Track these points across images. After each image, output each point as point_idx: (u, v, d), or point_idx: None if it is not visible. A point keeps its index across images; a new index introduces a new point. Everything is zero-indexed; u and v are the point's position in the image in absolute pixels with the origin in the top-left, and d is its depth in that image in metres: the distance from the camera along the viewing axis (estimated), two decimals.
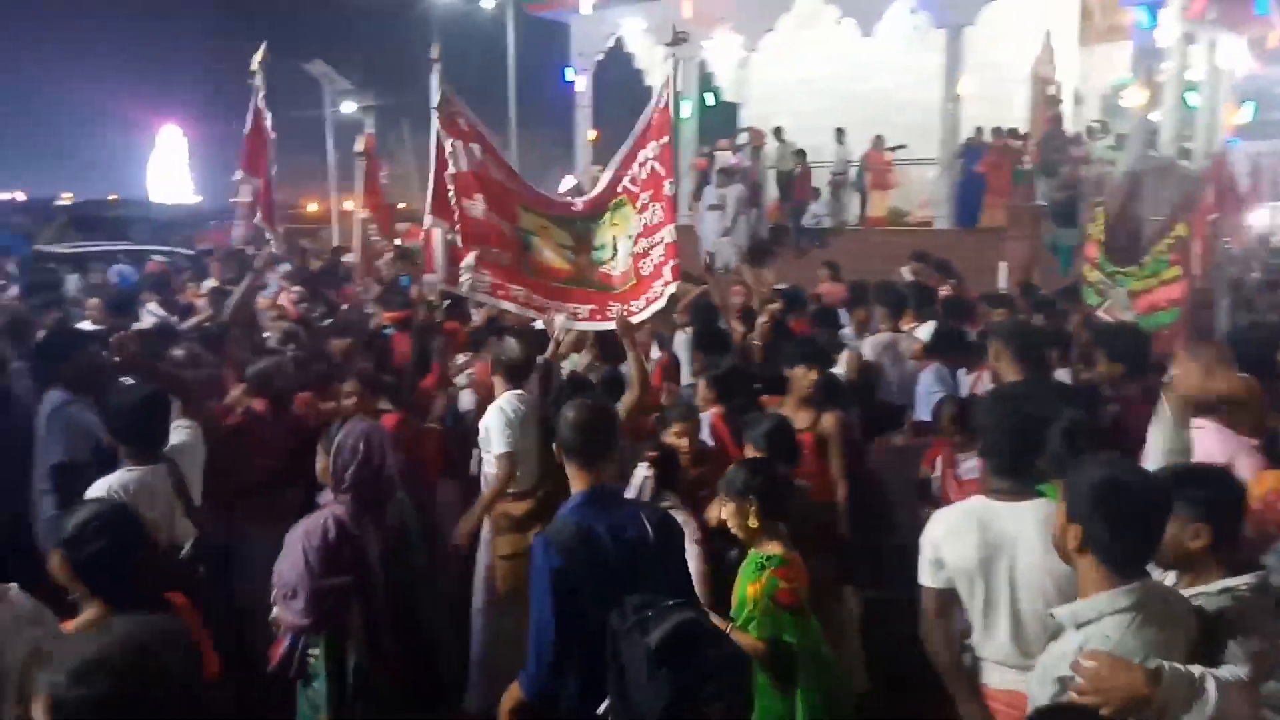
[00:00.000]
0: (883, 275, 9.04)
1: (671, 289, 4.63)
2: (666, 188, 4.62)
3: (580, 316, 4.91)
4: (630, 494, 3.40)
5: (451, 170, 4.92)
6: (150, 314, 7.77)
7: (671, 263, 4.59)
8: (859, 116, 15.90)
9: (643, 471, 3.52)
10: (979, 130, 14.06)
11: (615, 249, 4.88)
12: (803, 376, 4.43)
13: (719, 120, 18.81)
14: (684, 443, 4.07)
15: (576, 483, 2.69)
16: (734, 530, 3.14)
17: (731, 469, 3.21)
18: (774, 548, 3.05)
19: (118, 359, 4.20)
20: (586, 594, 2.41)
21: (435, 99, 4.97)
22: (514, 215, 5.02)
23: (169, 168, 40.45)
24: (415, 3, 24.01)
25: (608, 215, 4.92)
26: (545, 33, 19.52)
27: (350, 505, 3.11)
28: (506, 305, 5.04)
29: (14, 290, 9.06)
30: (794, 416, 4.23)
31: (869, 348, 6.33)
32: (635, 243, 4.74)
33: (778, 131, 15.74)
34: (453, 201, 4.91)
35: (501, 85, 23.46)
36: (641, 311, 4.70)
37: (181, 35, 47.51)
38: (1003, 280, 10.48)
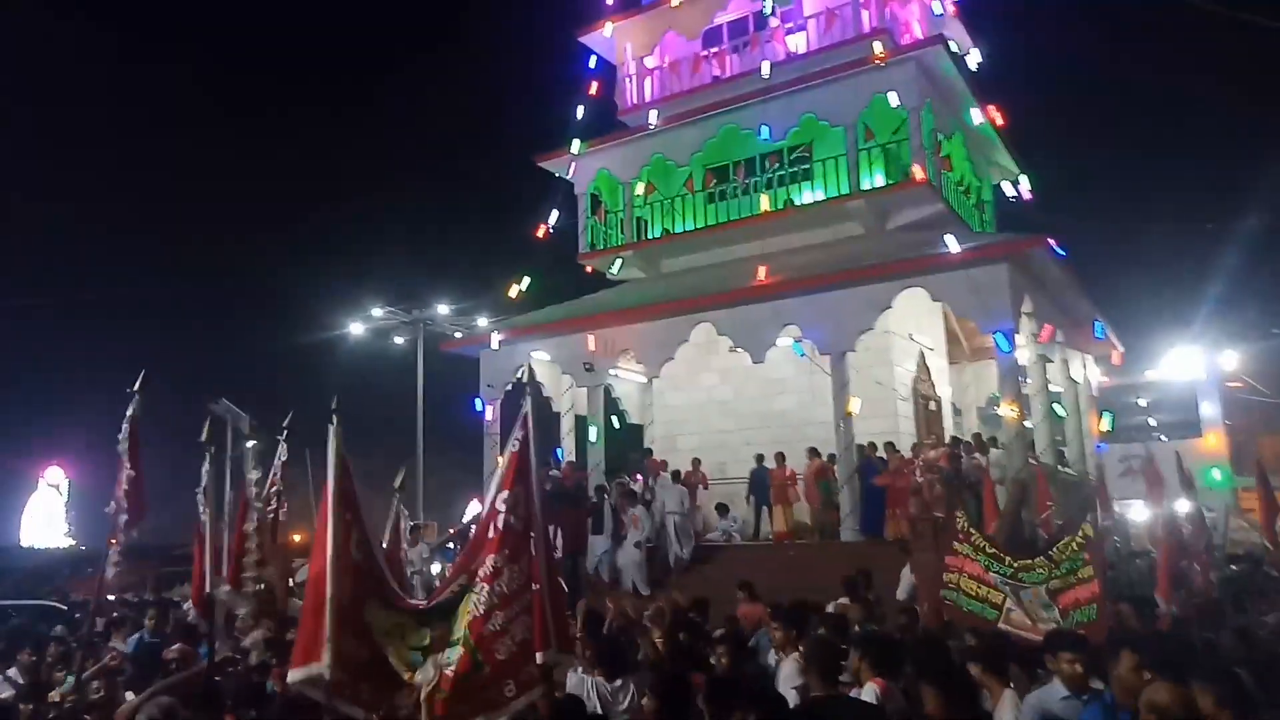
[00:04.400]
0: (799, 590, 8.91)
1: (549, 656, 4.11)
2: (531, 545, 4.16)
3: None
4: None
5: (332, 536, 4.21)
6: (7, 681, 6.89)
7: (547, 627, 4.06)
8: (762, 435, 16.65)
9: None
10: (871, 445, 14.78)
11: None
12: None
13: (627, 442, 19.35)
14: None
15: None
16: None
17: None
18: None
19: None
20: None
21: (331, 450, 4.45)
22: (362, 607, 4.29)
23: (47, 512, 38.38)
24: (334, 343, 24.96)
25: (464, 599, 4.29)
26: (456, 365, 20.34)
27: None
28: (350, 709, 4.09)
29: None
30: None
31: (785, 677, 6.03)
32: (488, 617, 4.15)
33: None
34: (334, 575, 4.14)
35: (413, 415, 23.97)
36: (516, 698, 4.08)
37: (68, 372, 47.51)
38: (902, 592, 10.50)
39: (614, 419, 19.39)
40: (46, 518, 37.97)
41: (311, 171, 68.02)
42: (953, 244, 13.74)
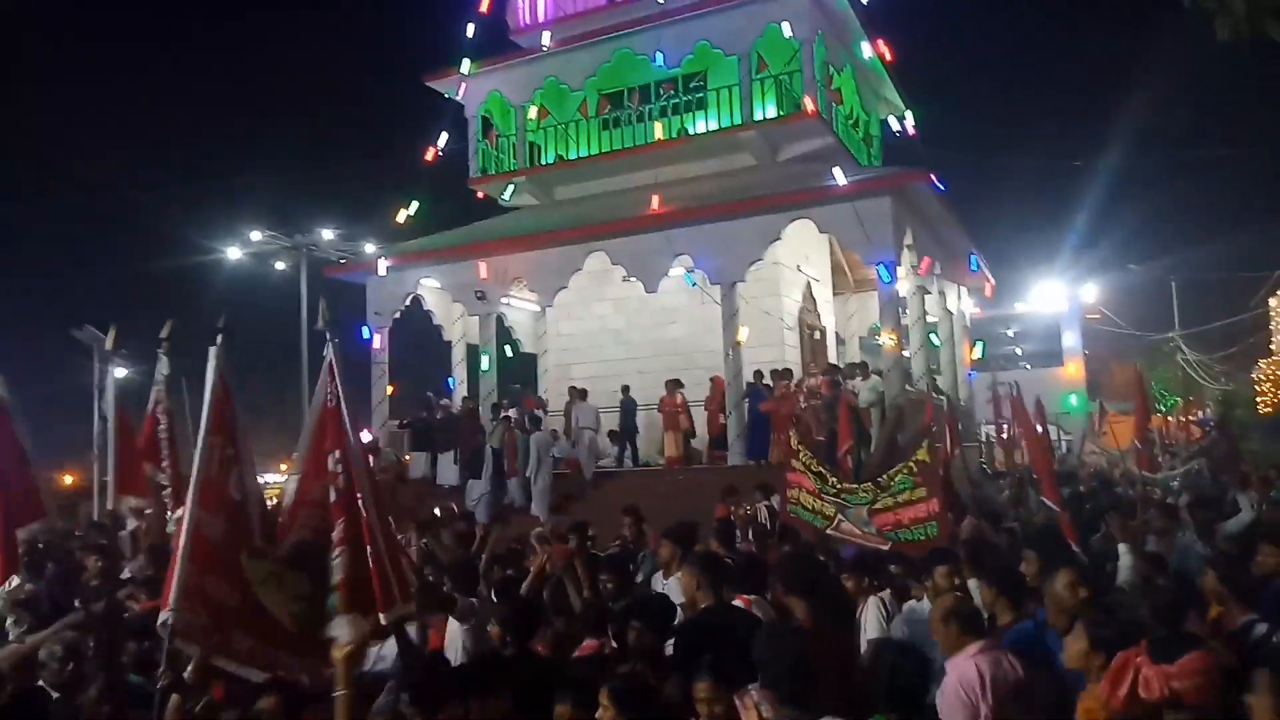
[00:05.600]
0: (689, 513, 9.19)
1: (392, 614, 3.90)
2: (360, 505, 3.88)
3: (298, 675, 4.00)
4: None
5: (198, 467, 3.98)
6: None
7: (388, 586, 3.82)
8: (655, 364, 16.90)
9: None
10: (758, 373, 15.21)
11: None
12: (639, 633, 4.19)
13: (519, 372, 19.34)
14: None
15: None
16: None
17: None
18: None
19: None
20: None
21: (211, 372, 4.14)
22: (239, 554, 4.04)
23: None
24: (211, 269, 23.82)
25: (331, 563, 3.96)
26: (342, 291, 19.75)
27: None
28: (222, 662, 3.87)
29: None
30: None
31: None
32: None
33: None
34: (189, 504, 3.91)
35: (297, 343, 23.23)
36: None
37: None
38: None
39: (506, 348, 19.31)
40: None
41: (189, 88, 63.67)
42: (840, 177, 14.05)
